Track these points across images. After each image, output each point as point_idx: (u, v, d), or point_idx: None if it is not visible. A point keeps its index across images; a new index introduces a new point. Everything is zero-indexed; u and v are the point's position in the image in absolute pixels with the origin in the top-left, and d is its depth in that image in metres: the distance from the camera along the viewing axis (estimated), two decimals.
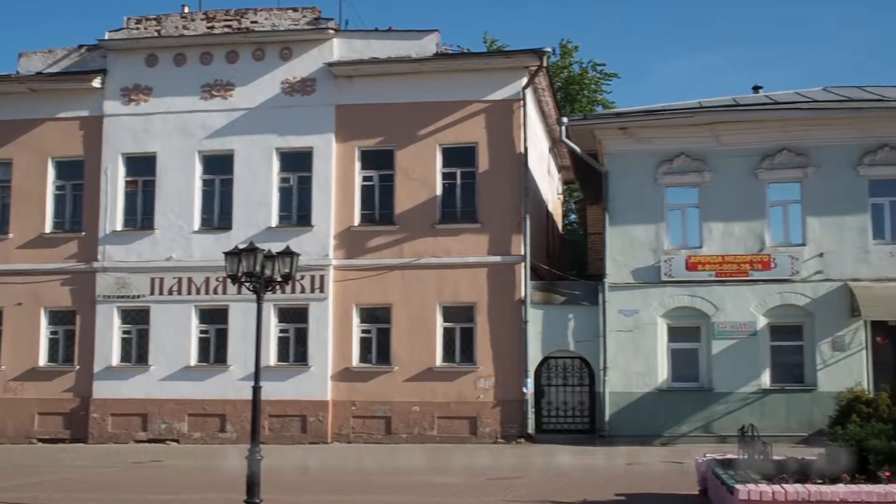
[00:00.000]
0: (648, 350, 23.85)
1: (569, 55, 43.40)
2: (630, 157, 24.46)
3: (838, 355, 23.15)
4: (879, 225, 23.72)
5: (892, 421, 11.31)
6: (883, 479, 10.64)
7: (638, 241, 24.19)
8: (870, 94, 25.31)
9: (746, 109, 24.46)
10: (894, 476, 10.66)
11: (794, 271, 23.57)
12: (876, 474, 10.74)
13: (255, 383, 14.33)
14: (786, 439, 21.16)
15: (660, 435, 23.38)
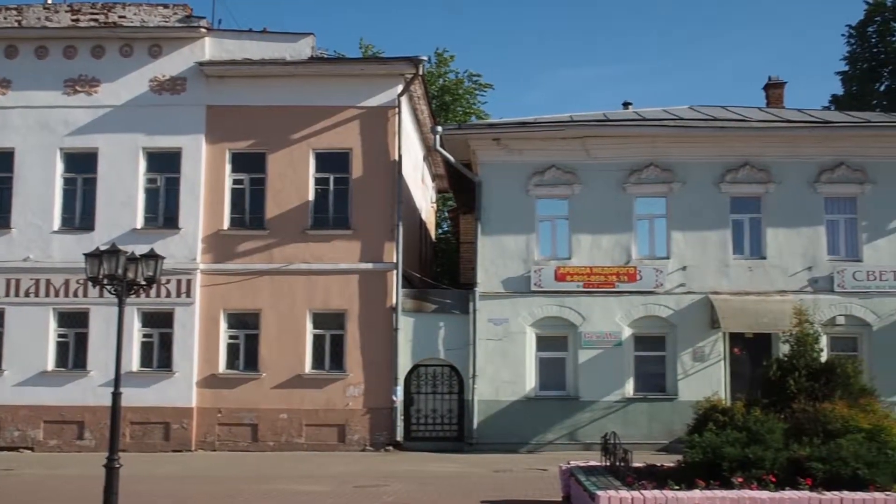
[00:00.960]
0: (517, 359, 24.10)
1: (444, 64, 43.69)
2: (503, 167, 24.70)
3: (698, 366, 23.89)
4: (739, 240, 24.60)
5: (746, 429, 11.67)
6: (736, 484, 10.98)
7: (509, 251, 24.44)
8: (733, 115, 26.23)
9: (615, 124, 25.04)
10: (747, 481, 11.01)
11: (659, 284, 24.21)
12: (729, 480, 11.06)
13: (116, 389, 13.88)
14: (648, 447, 21.73)
15: (527, 442, 23.65)
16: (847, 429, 11.56)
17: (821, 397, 12.52)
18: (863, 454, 11.04)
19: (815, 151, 24.58)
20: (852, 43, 42.96)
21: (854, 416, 11.79)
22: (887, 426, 11.71)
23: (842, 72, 43.14)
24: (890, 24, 41.82)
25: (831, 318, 23.94)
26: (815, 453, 11.24)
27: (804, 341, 13.37)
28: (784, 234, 24.38)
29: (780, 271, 24.25)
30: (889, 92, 41.68)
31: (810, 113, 27.22)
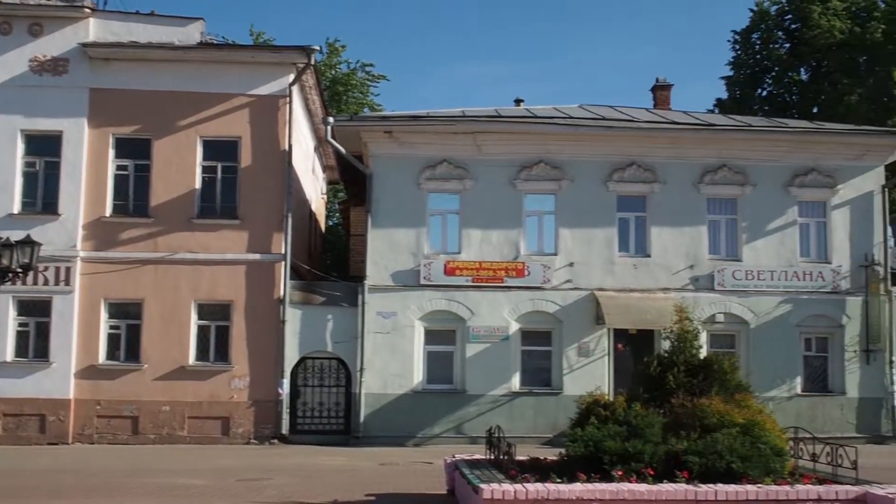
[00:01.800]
0: (405, 352, 24.09)
1: (336, 54, 43.35)
2: (394, 161, 24.63)
3: (583, 361, 24.31)
4: (625, 238, 25.10)
5: (627, 423, 11.85)
6: (616, 477, 11.15)
7: (399, 244, 24.39)
8: (621, 115, 26.71)
9: (507, 121, 25.22)
10: (626, 474, 11.19)
11: (546, 280, 24.51)
12: (610, 473, 11.23)
13: None
14: (533, 440, 22.02)
15: (413, 436, 23.67)
16: (723, 423, 11.84)
17: (699, 393, 12.80)
18: (737, 448, 11.33)
19: (699, 153, 25.25)
20: (737, 49, 44.25)
21: (729, 411, 12.08)
22: (760, 421, 12.05)
23: (727, 77, 44.40)
24: (773, 32, 43.23)
25: (711, 315, 24.67)
26: (692, 447, 11.49)
27: (684, 338, 13.65)
28: (668, 233, 24.97)
29: (663, 269, 24.83)
30: (771, 97, 43.11)
31: (695, 115, 27.94)
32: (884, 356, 24.85)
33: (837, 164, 25.48)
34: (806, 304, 24.98)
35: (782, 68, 42.58)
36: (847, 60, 39.68)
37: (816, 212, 25.59)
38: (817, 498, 11.02)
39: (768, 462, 11.43)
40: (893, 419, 24.65)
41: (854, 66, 39.67)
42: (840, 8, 39.93)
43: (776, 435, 11.98)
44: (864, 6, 40.41)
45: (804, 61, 41.81)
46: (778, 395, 24.26)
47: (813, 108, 40.41)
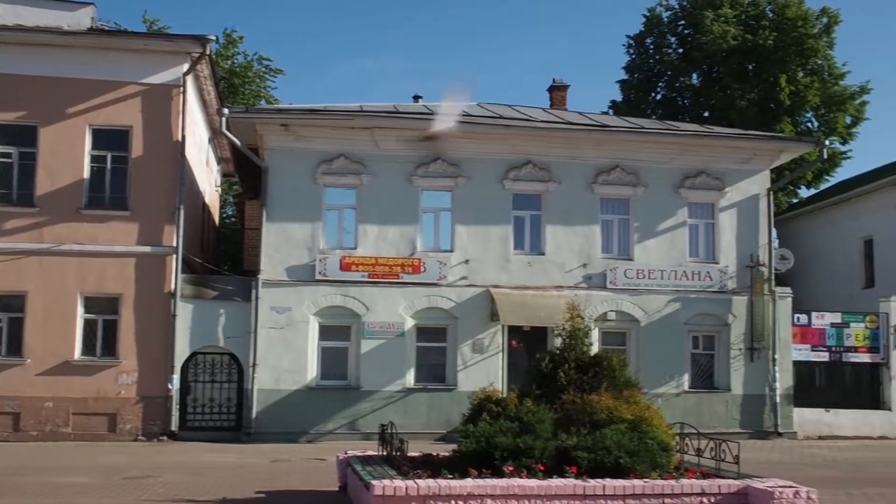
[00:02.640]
0: (299, 348, 23.85)
1: (233, 45, 42.68)
2: (291, 154, 24.34)
3: (478, 357, 24.45)
4: (520, 236, 25.34)
5: (518, 419, 11.95)
6: (507, 473, 11.23)
7: (294, 238, 24.13)
8: (519, 114, 26.96)
9: (405, 117, 25.16)
10: (517, 470, 11.29)
11: (442, 276, 24.58)
12: (501, 469, 11.31)
13: None
14: (427, 436, 22.07)
15: (306, 432, 23.46)
16: (611, 419, 12.05)
17: (588, 389, 12.99)
18: (625, 443, 11.54)
19: (594, 154, 25.64)
20: (632, 53, 45.11)
21: (618, 407, 12.30)
22: (648, 417, 12.30)
23: (621, 80, 45.23)
24: (666, 38, 44.19)
25: (603, 313, 25.10)
26: (582, 443, 11.66)
27: (575, 335, 13.84)
28: (562, 231, 25.30)
29: (557, 267, 25.15)
30: (663, 101, 44.05)
31: (590, 116, 28.39)
32: (767, 354, 25.65)
33: (726, 168, 26.20)
34: (694, 303, 25.62)
35: (675, 73, 43.54)
36: (737, 66, 40.83)
37: (705, 213, 26.28)
38: (701, 492, 11.30)
39: (655, 457, 11.67)
40: (775, 415, 25.46)
41: (744, 72, 40.85)
42: (731, 15, 41.06)
43: (663, 430, 12.24)
44: (754, 14, 41.66)
45: (696, 66, 42.84)
46: (666, 391, 24.84)
47: (704, 113, 41.43)
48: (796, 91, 39.91)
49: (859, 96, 41.80)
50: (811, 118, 41.99)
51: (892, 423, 25.85)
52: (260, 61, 43.00)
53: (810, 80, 40.29)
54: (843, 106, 41.24)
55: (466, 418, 12.85)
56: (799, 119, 41.04)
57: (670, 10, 43.94)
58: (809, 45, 40.25)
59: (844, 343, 26.18)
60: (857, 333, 26.23)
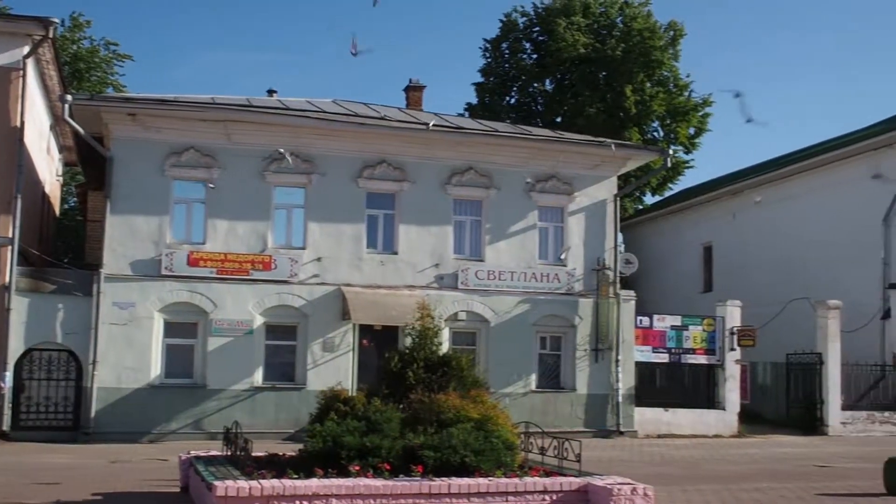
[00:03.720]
0: (143, 345, 23.10)
1: (79, 29, 41.07)
2: (138, 145, 23.55)
3: (328, 356, 24.25)
4: (373, 235, 25.27)
5: (366, 419, 11.90)
6: (353, 472, 11.17)
7: (140, 232, 23.37)
8: (374, 112, 26.90)
9: (258, 111, 24.71)
10: (363, 469, 11.23)
11: (293, 274, 24.27)
12: (347, 468, 11.23)
13: None
14: (274, 436, 21.75)
15: (149, 432, 22.76)
16: (458, 418, 12.13)
17: (437, 388, 13.06)
18: (471, 442, 11.64)
19: (448, 155, 25.83)
20: (487, 57, 45.70)
21: (465, 406, 12.40)
22: (494, 416, 12.44)
23: (477, 83, 45.76)
24: (521, 43, 44.97)
25: (454, 313, 25.31)
26: (429, 442, 11.70)
27: (425, 335, 13.89)
28: (415, 231, 25.38)
29: (409, 267, 25.21)
30: (518, 105, 44.82)
31: (445, 118, 28.58)
32: (611, 355, 26.35)
33: (575, 173, 26.81)
34: (542, 305, 26.12)
35: (529, 78, 44.36)
36: (588, 74, 41.93)
37: (555, 217, 26.83)
38: (543, 489, 11.51)
39: (500, 456, 11.82)
40: (618, 414, 26.21)
41: (594, 80, 41.97)
42: (583, 24, 42.12)
43: (508, 430, 12.41)
44: (606, 24, 42.88)
45: (550, 73, 43.75)
46: (514, 390, 25.24)
47: (556, 118, 42.37)
48: (642, 101, 41.29)
49: (702, 108, 43.60)
50: (657, 128, 43.54)
51: (726, 422, 26.99)
52: (107, 46, 41.56)
53: (656, 91, 41.76)
54: (686, 117, 42.94)
55: (314, 417, 12.71)
56: (645, 128, 42.47)
57: (526, 15, 44.74)
58: (655, 57, 41.72)
59: (683, 345, 27.17)
60: (695, 336, 27.28)
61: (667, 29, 43.25)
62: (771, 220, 34.17)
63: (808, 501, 14.39)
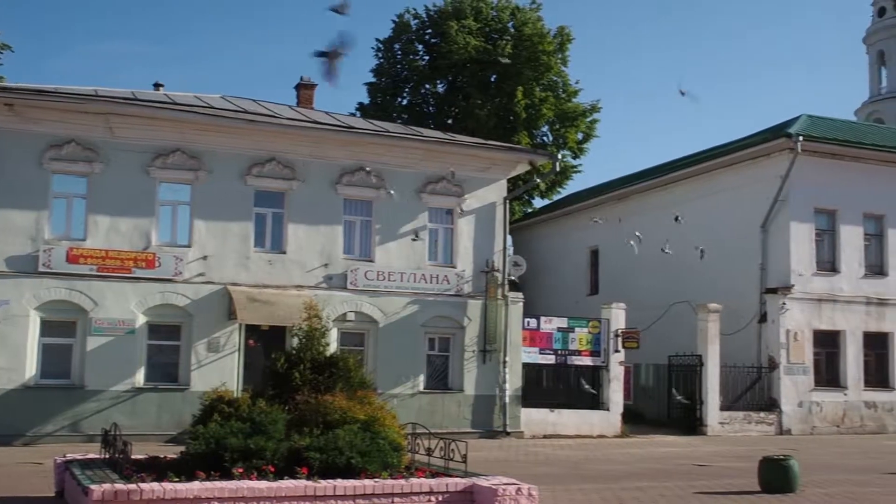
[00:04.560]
0: (17, 344, 22.23)
1: None
2: (15, 136, 22.68)
3: (213, 356, 23.79)
4: (261, 234, 24.92)
5: (250, 420, 11.71)
6: (236, 475, 10.96)
7: (15, 226, 22.50)
8: (264, 109, 26.54)
9: (142, 105, 24.06)
10: (247, 472, 11.04)
11: (178, 272, 23.74)
12: (230, 471, 11.02)
13: None
14: (157, 438, 21.27)
15: (23, 434, 21.90)
16: (345, 420, 12.05)
17: (323, 390, 12.93)
18: (357, 444, 11.57)
19: (339, 154, 25.66)
20: (380, 57, 45.63)
21: (352, 407, 12.32)
22: (381, 417, 12.40)
23: (370, 83, 45.64)
24: (414, 45, 45.05)
25: (343, 314, 25.13)
26: (314, 443, 11.58)
27: (312, 335, 13.75)
28: (304, 230, 25.12)
29: (298, 266, 24.95)
30: (410, 106, 44.89)
31: (337, 117, 28.39)
32: (498, 356, 26.57)
33: (466, 175, 26.94)
34: (432, 306, 26.17)
35: (421, 79, 44.48)
36: (479, 77, 42.27)
37: (445, 218, 26.93)
38: (429, 490, 11.51)
39: (386, 457, 11.78)
40: (504, 415, 26.43)
41: (486, 83, 42.32)
42: (475, 27, 42.43)
43: (395, 431, 12.39)
44: (497, 28, 43.29)
45: (442, 74, 43.95)
46: (402, 391, 25.21)
47: (448, 120, 42.58)
48: (532, 105, 41.84)
49: (590, 114, 44.43)
50: (546, 132, 44.18)
51: (610, 423, 27.50)
52: None
53: (545, 96, 42.37)
54: (575, 122, 43.69)
55: (197, 419, 12.45)
56: (535, 132, 43.06)
57: (418, 17, 44.85)
58: (545, 62, 42.33)
59: (569, 347, 27.57)
60: (580, 338, 27.72)
61: (556, 35, 43.92)
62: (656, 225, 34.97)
63: (687, 500, 14.75)
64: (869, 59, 67.99)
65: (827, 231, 30.98)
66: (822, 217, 30.81)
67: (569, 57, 44.35)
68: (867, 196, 31.02)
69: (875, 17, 67.35)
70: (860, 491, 16.13)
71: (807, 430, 29.44)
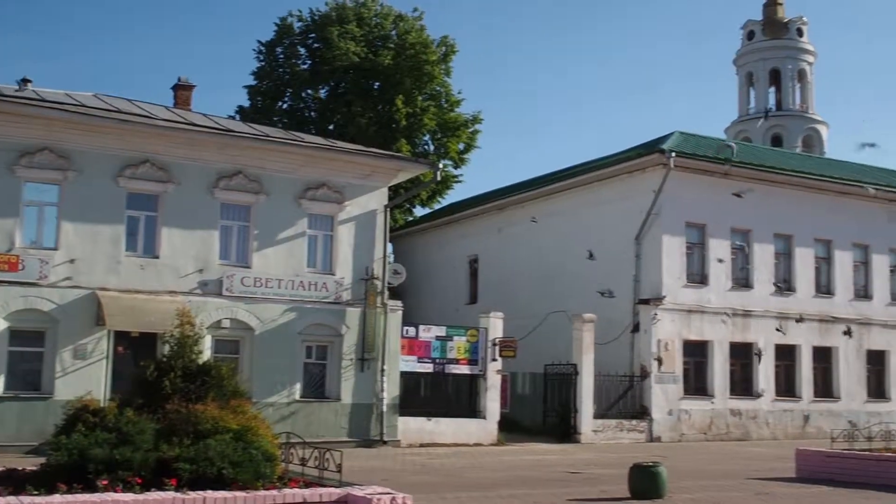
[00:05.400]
0: None
1: None
2: None
3: (79, 364, 22.93)
4: (133, 237, 24.18)
5: (116, 430, 11.26)
6: (100, 487, 10.53)
7: None
8: (139, 109, 25.80)
9: (6, 101, 23.03)
10: (112, 483, 10.62)
11: (43, 276, 22.82)
12: (94, 483, 10.59)
13: None
14: (16, 449, 20.40)
15: None
16: (217, 429, 11.70)
17: (195, 398, 12.54)
18: (229, 454, 11.25)
19: (217, 157, 25.14)
20: (262, 60, 45.04)
21: (224, 416, 11.98)
22: (254, 427, 12.08)
23: (250, 86, 44.97)
24: (296, 49, 44.63)
25: (217, 320, 24.60)
26: (184, 454, 11.20)
27: (184, 342, 13.34)
28: (179, 234, 24.50)
29: (172, 271, 24.30)
30: (290, 111, 44.42)
31: (215, 119, 27.81)
32: (376, 365, 26.44)
33: (347, 182, 26.75)
34: (309, 313, 25.85)
35: (303, 84, 44.09)
36: (361, 84, 42.14)
37: (325, 225, 26.65)
38: (303, 501, 11.26)
39: (259, 467, 11.48)
40: (381, 424, 26.28)
41: (368, 90, 42.22)
42: (358, 33, 42.32)
43: (268, 440, 12.09)
44: (380, 35, 43.27)
45: (324, 80, 43.65)
46: (278, 400, 24.83)
47: (329, 126, 42.29)
48: (414, 113, 41.97)
49: (472, 125, 44.84)
50: (428, 141, 44.37)
51: (487, 431, 27.65)
52: None
53: (427, 105, 42.56)
54: (456, 132, 44.02)
55: (59, 429, 11.89)
56: (416, 141, 43.19)
57: (302, 21, 44.49)
58: (427, 71, 42.53)
59: (447, 355, 27.64)
60: (458, 346, 27.81)
61: (440, 45, 44.17)
62: (535, 236, 35.49)
63: None
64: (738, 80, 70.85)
65: (697, 244, 31.96)
66: (692, 231, 31.77)
67: (452, 67, 44.68)
68: (735, 212, 32.15)
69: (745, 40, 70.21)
70: (724, 496, 16.71)
71: (676, 438, 30.24)
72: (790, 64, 68.44)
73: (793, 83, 68.58)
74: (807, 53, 69.34)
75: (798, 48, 69.05)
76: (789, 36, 69.03)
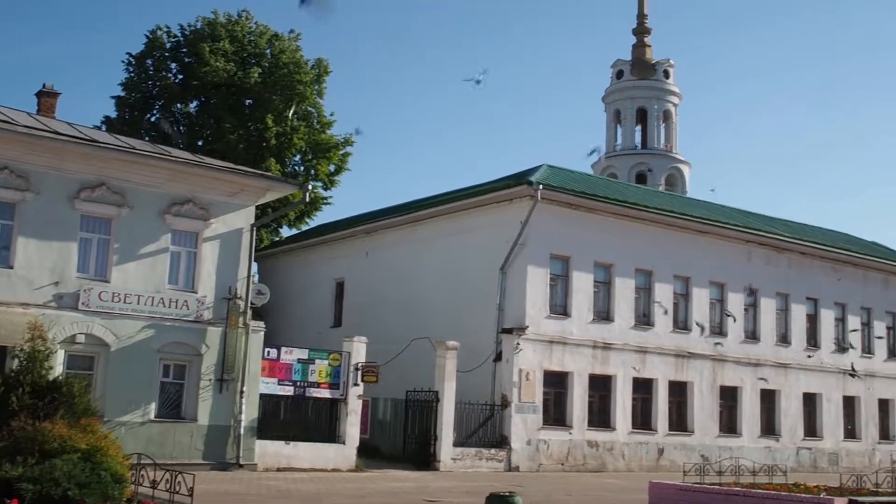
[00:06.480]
0: None
1: None
2: None
3: None
4: None
5: None
6: None
7: None
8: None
9: None
10: None
11: None
12: None
13: None
14: None
15: None
16: (64, 449, 11.40)
17: (43, 416, 12.20)
18: (76, 474, 10.97)
19: (79, 167, 24.40)
20: (131, 71, 44.06)
21: (73, 435, 11.68)
22: (104, 446, 11.82)
23: (117, 96, 43.91)
24: (167, 62, 43.84)
25: (72, 335, 23.77)
26: (28, 473, 10.87)
27: (34, 357, 12.96)
28: (36, 245, 23.63)
29: (26, 283, 23.39)
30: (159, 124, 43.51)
31: (79, 128, 26.97)
32: (236, 386, 25.98)
33: (213, 199, 26.33)
34: (169, 331, 25.26)
35: (172, 98, 43.33)
36: (232, 101, 41.69)
37: (189, 242, 26.12)
38: None
39: (107, 489, 11.23)
40: (238, 446, 25.82)
41: (238, 107, 41.78)
42: (230, 50, 41.92)
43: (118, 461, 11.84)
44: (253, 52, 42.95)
45: (194, 95, 43.00)
46: (132, 420, 24.11)
47: (198, 142, 41.63)
48: (284, 133, 41.76)
49: (343, 147, 44.86)
50: (298, 161, 44.16)
51: (345, 456, 27.49)
52: None
53: (298, 125, 42.42)
54: (327, 154, 43.95)
55: None
56: (287, 160, 42.94)
57: (172, 35, 43.82)
58: (300, 91, 42.44)
59: (309, 378, 27.39)
60: (320, 370, 27.61)
61: (314, 66, 44.13)
62: (401, 261, 35.65)
63: None
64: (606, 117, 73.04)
65: (561, 276, 32.66)
66: (556, 263, 32.46)
67: (325, 89, 44.67)
68: (598, 245, 33.06)
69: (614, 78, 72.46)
70: None
71: (534, 468, 30.71)
72: (656, 104, 70.92)
73: (658, 123, 71.07)
74: (672, 95, 71.97)
75: (664, 89, 71.62)
76: (656, 77, 71.55)
